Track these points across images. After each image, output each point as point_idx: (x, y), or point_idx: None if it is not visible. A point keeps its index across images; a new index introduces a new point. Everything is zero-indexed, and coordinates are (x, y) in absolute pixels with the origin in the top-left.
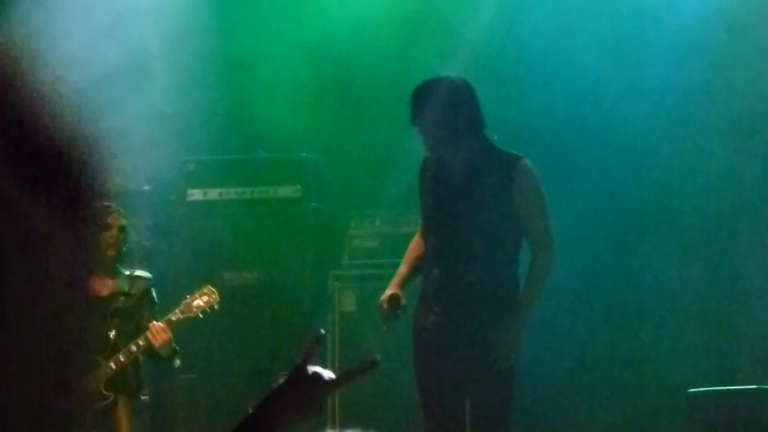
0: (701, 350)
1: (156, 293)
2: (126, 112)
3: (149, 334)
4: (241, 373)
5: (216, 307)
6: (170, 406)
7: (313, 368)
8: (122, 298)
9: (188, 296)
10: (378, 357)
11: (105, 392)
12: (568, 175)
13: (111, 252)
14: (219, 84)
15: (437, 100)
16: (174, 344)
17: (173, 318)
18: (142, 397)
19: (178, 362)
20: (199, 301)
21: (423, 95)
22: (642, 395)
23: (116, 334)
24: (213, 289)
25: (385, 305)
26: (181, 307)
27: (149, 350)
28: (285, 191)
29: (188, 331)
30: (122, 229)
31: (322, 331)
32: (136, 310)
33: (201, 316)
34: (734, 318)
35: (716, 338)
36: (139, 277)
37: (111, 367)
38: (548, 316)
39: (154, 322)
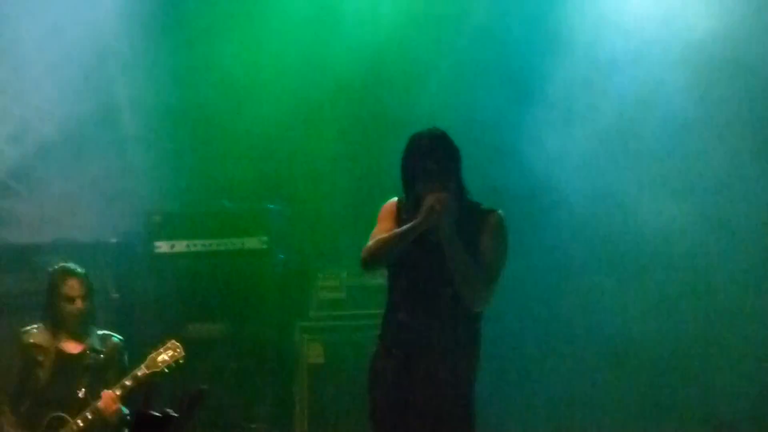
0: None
1: (127, 357)
2: (92, 165)
3: (99, 403)
4: (209, 427)
5: (181, 361)
6: None
7: (153, 413)
8: (93, 355)
9: (153, 351)
10: (205, 387)
11: None
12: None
13: (78, 320)
14: (186, 136)
15: (441, 154)
16: (125, 413)
17: (139, 374)
18: None
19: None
20: (164, 356)
21: (432, 146)
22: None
23: (85, 392)
24: (177, 344)
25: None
26: (147, 362)
27: (101, 418)
28: (251, 243)
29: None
30: (86, 297)
31: (205, 387)
32: (106, 369)
33: (166, 371)
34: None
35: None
36: (111, 337)
37: (78, 425)
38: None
39: (105, 391)
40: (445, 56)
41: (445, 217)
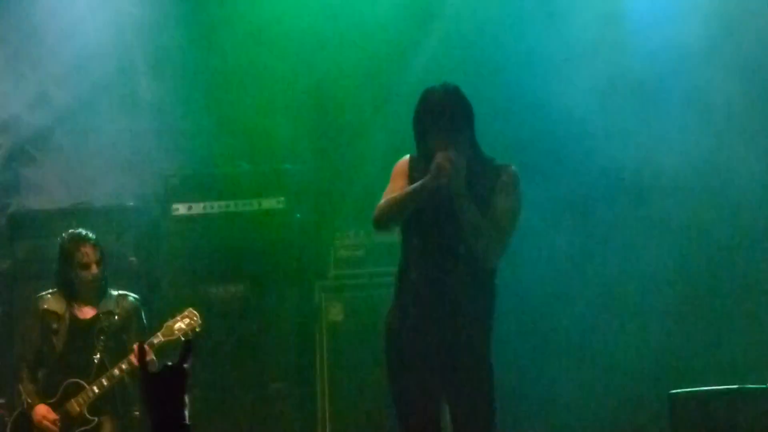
0: (682, 349)
1: (144, 314)
2: (109, 129)
3: (132, 356)
4: (230, 386)
5: (198, 329)
6: None
7: (154, 371)
8: (107, 319)
9: (170, 318)
10: (189, 339)
11: (89, 416)
12: (551, 171)
13: (93, 286)
14: (202, 98)
15: (453, 109)
16: (157, 366)
17: (155, 341)
18: (135, 413)
19: None
20: (180, 324)
21: (446, 105)
22: (623, 396)
23: (101, 355)
24: (194, 312)
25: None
26: (163, 330)
27: (133, 373)
28: (269, 203)
29: (175, 346)
30: (100, 262)
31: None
32: (123, 330)
33: (182, 338)
34: (716, 316)
35: (697, 337)
36: (126, 297)
37: (94, 391)
38: (533, 315)
39: (137, 343)
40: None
41: (453, 175)
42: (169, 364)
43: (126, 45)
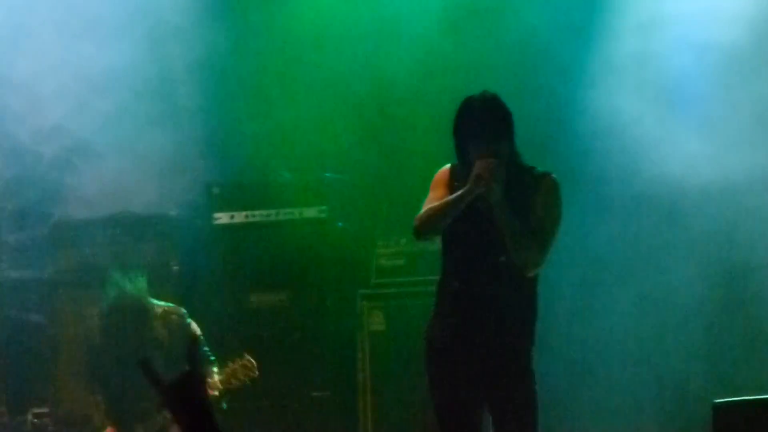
0: (725, 358)
1: (193, 325)
2: (150, 137)
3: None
4: (272, 395)
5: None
6: None
7: (169, 379)
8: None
9: (230, 363)
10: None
11: None
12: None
13: None
14: (243, 106)
15: (493, 118)
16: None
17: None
18: None
19: (225, 405)
20: (239, 376)
21: (487, 113)
22: (665, 406)
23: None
24: (253, 361)
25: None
26: (223, 376)
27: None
28: (310, 212)
29: (219, 353)
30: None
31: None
32: (174, 347)
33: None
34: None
35: (739, 345)
36: (171, 314)
37: (165, 416)
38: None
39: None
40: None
41: (493, 184)
42: (186, 369)
43: (166, 53)
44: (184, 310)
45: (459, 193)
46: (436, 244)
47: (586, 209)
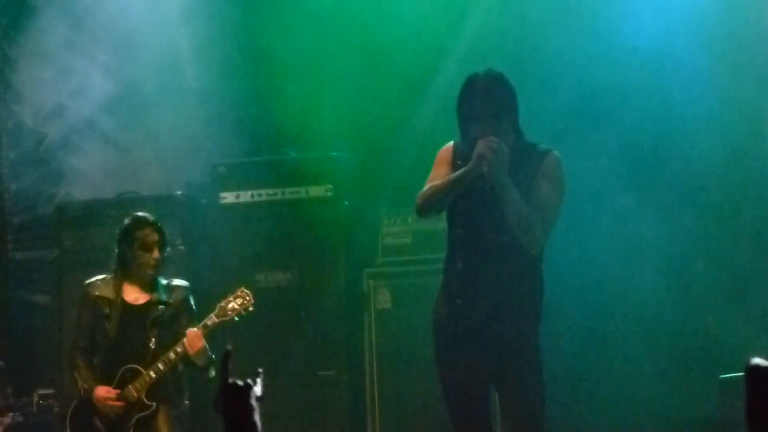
0: (732, 333)
1: (194, 301)
2: (155, 117)
3: (185, 341)
4: (279, 374)
5: (251, 309)
6: (209, 411)
7: (237, 382)
8: (161, 307)
9: (223, 300)
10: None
11: (147, 401)
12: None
13: (152, 271)
14: (248, 86)
15: (496, 96)
16: (210, 353)
17: (209, 323)
18: (185, 402)
19: (213, 372)
20: (233, 304)
21: (490, 91)
22: (672, 380)
23: (156, 343)
24: (247, 291)
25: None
26: (216, 311)
27: (186, 358)
28: (317, 191)
29: (224, 333)
30: (162, 248)
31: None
32: (175, 319)
33: (236, 319)
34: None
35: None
36: (177, 286)
37: (151, 376)
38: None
39: (191, 329)
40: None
41: (495, 162)
42: (248, 381)
43: (171, 33)
44: (188, 284)
45: (461, 171)
46: (442, 222)
47: (589, 186)
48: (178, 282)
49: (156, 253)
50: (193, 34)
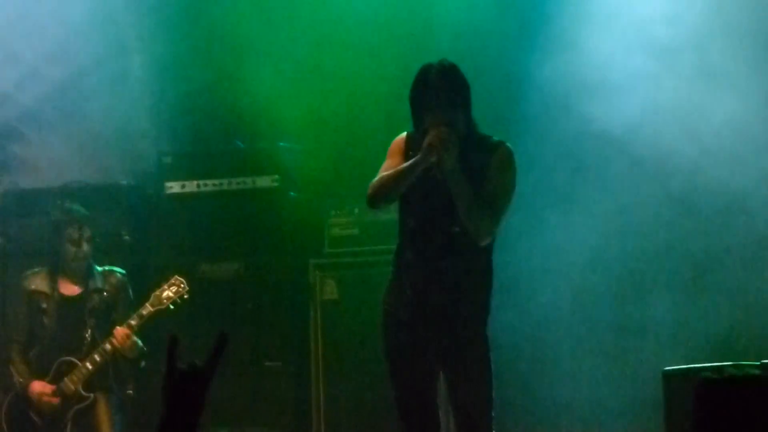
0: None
1: (131, 289)
2: (102, 106)
3: (113, 339)
4: (224, 365)
5: (186, 296)
6: (155, 400)
7: (182, 368)
8: (96, 296)
9: (157, 288)
10: (225, 330)
11: (84, 393)
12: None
13: (80, 263)
14: (195, 76)
15: (449, 87)
16: (141, 345)
17: (144, 312)
18: (128, 392)
19: (143, 363)
20: (168, 293)
21: (442, 82)
22: (616, 374)
23: (92, 334)
24: (181, 279)
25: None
26: (151, 300)
27: (117, 353)
28: (263, 181)
29: (170, 324)
30: (90, 240)
31: (225, 331)
32: (112, 307)
33: (172, 307)
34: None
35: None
36: (112, 272)
37: (87, 368)
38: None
39: (118, 327)
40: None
41: (445, 153)
42: (197, 363)
43: (118, 21)
44: (124, 273)
45: (411, 162)
46: (389, 213)
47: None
48: (114, 269)
49: (84, 247)
50: (139, 22)
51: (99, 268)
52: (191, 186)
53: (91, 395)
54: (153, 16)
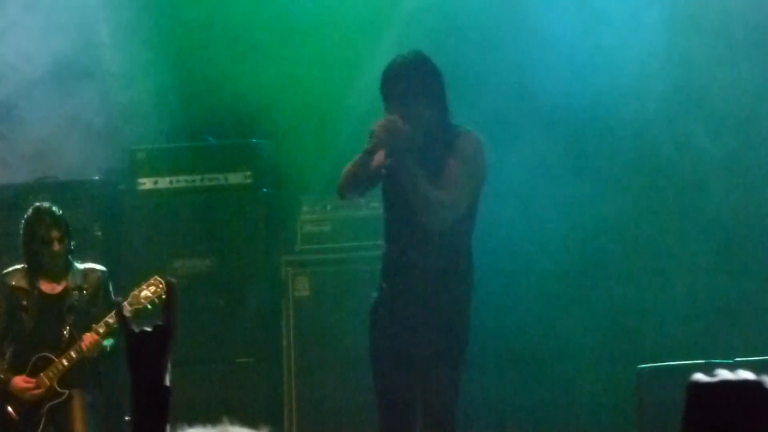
0: (651, 325)
1: (112, 286)
2: (73, 103)
3: (82, 344)
4: (196, 362)
5: (163, 296)
6: (126, 397)
7: (143, 329)
8: (75, 293)
9: (135, 288)
10: (173, 279)
11: (59, 389)
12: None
13: (59, 260)
14: (168, 71)
15: (409, 77)
16: (107, 344)
17: (110, 320)
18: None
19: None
20: (146, 292)
21: (401, 72)
22: (590, 371)
23: (70, 330)
24: (159, 279)
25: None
26: (129, 299)
27: (96, 346)
28: (236, 177)
29: (142, 320)
30: (63, 237)
31: (173, 279)
32: (91, 304)
33: (149, 306)
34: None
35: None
36: (92, 270)
37: (63, 364)
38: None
39: (86, 334)
40: None
41: (391, 142)
42: (158, 324)
43: (90, 17)
44: (104, 270)
45: (360, 153)
46: (362, 210)
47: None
48: (94, 266)
49: (56, 246)
50: (112, 17)
51: (80, 266)
52: (164, 182)
53: (66, 392)
54: (124, 11)
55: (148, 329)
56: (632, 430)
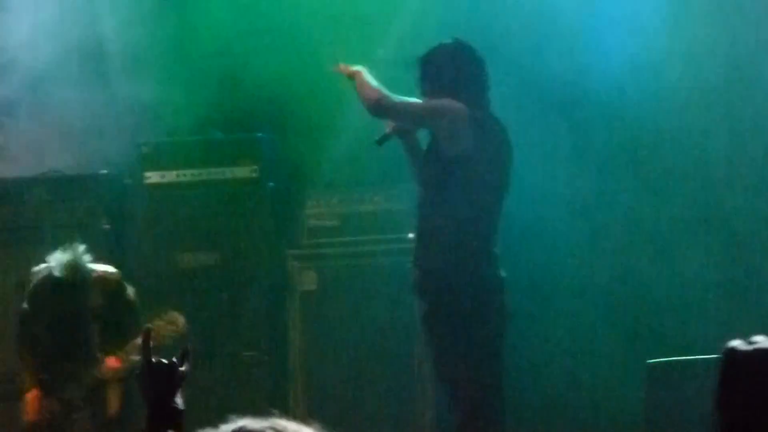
0: (661, 319)
1: (129, 291)
2: (80, 96)
3: (103, 368)
4: (202, 355)
5: (183, 334)
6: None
7: (162, 361)
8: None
9: (155, 319)
10: (191, 345)
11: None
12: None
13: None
14: (174, 64)
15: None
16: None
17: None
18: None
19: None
20: (164, 333)
21: (428, 60)
22: (598, 364)
23: (98, 341)
24: (180, 317)
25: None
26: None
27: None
28: (242, 172)
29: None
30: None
31: (191, 346)
32: (112, 315)
33: (169, 342)
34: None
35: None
36: (106, 279)
37: (93, 376)
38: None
39: (108, 358)
40: None
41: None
42: (174, 360)
43: (96, 10)
44: (118, 274)
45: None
46: (370, 204)
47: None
48: (107, 275)
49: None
50: (117, 11)
51: (93, 273)
52: (170, 176)
53: (91, 409)
54: (130, 4)
55: (165, 362)
56: (640, 425)
